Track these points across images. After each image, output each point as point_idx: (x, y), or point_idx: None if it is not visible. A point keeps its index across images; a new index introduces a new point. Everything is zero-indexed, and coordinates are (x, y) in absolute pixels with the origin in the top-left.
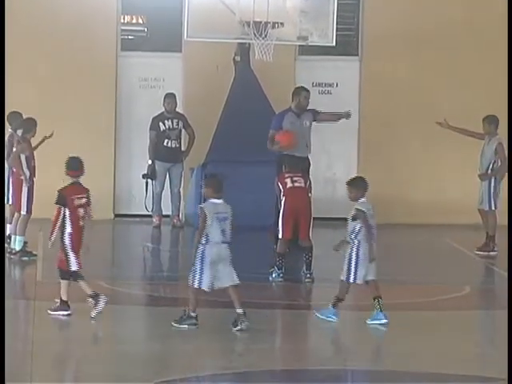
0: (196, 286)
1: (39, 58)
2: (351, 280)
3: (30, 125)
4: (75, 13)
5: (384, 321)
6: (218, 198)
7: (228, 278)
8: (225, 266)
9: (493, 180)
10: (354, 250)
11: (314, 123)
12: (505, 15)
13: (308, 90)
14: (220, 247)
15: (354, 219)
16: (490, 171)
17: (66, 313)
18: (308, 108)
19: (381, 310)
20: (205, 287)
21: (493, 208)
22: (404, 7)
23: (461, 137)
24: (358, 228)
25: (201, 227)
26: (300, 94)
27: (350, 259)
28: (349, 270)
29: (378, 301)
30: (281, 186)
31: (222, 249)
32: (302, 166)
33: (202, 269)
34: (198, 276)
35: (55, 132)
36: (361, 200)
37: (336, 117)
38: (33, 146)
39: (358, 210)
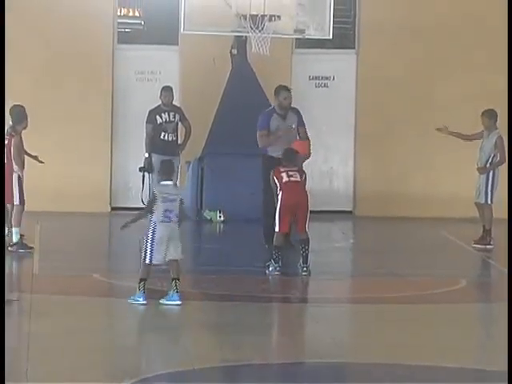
0: None
1: (35, 50)
2: (147, 261)
3: (22, 116)
4: (72, 5)
5: (178, 302)
6: None
7: None
8: None
9: (491, 174)
10: (150, 231)
11: None
12: (503, 5)
13: (288, 90)
14: None
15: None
16: (488, 165)
17: None
18: (294, 107)
19: (177, 292)
20: None
21: (489, 202)
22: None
23: (456, 130)
24: (154, 209)
25: None
26: (279, 94)
27: (146, 240)
28: (145, 250)
29: (176, 282)
30: (277, 181)
31: None
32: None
33: None
34: None
35: (52, 126)
36: (164, 182)
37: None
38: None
39: (152, 192)
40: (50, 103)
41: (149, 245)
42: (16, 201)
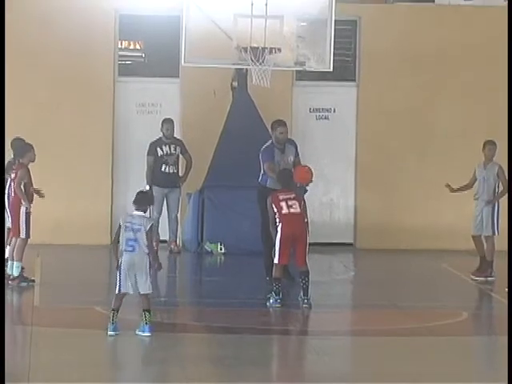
0: None
1: (37, 83)
2: (116, 290)
3: (24, 150)
4: (73, 38)
5: (147, 334)
6: None
7: None
8: None
9: (496, 205)
10: (119, 260)
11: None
12: (503, 36)
13: (283, 124)
14: None
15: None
16: (494, 196)
17: None
18: (291, 139)
19: (146, 323)
20: None
21: (496, 233)
22: (400, 32)
23: (457, 163)
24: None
25: None
26: (275, 129)
27: (116, 270)
28: (116, 279)
29: (145, 314)
30: (275, 209)
31: None
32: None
33: None
34: None
35: (52, 158)
36: (135, 212)
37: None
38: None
39: (119, 221)
40: (50, 136)
41: (118, 274)
42: (22, 234)
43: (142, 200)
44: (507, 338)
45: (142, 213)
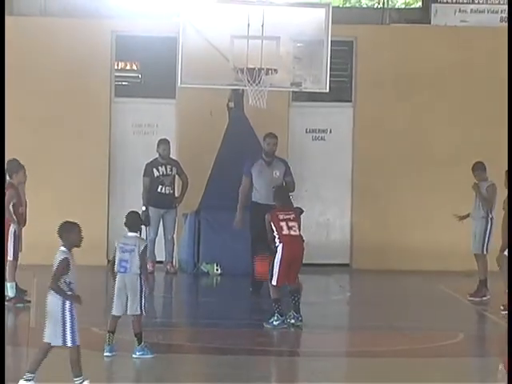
0: None
1: (33, 103)
2: (111, 311)
3: (13, 170)
4: (69, 59)
5: (135, 355)
6: None
7: None
8: None
9: (489, 225)
10: (114, 282)
11: None
12: (503, 55)
13: (274, 137)
14: None
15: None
16: (486, 214)
17: None
18: (282, 158)
19: (137, 346)
20: None
21: (485, 252)
22: (396, 53)
23: (454, 183)
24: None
25: None
26: (265, 140)
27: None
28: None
29: (137, 337)
30: (274, 228)
31: None
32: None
33: None
34: None
35: (49, 179)
36: (129, 234)
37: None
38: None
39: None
40: (46, 157)
41: (113, 295)
42: (10, 256)
43: (134, 221)
44: (507, 336)
45: (135, 233)
